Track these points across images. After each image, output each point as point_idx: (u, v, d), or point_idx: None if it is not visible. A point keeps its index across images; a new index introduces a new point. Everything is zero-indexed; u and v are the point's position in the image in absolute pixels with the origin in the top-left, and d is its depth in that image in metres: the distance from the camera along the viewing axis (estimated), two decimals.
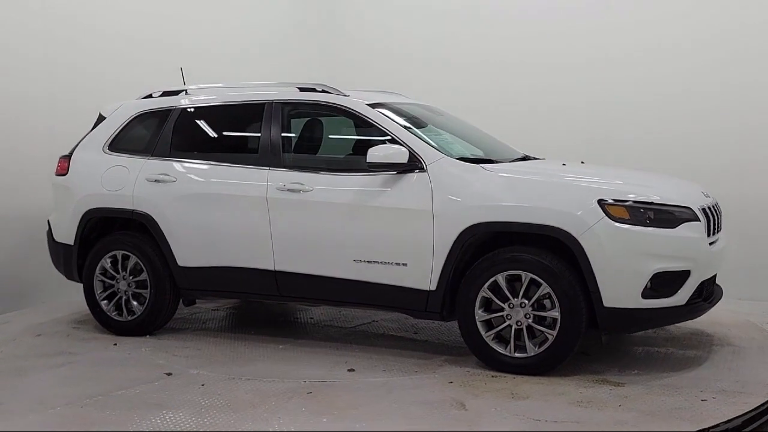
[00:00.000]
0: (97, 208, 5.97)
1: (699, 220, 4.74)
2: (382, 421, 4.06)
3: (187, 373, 4.94)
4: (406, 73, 8.99)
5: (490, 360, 4.88)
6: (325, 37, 9.82)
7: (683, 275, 4.65)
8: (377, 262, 5.11)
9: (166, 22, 8.27)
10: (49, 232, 6.32)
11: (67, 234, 6.11)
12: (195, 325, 6.30)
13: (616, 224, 4.56)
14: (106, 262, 5.94)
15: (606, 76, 8.04)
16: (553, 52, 8.33)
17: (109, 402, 4.40)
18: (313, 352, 5.43)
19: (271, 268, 5.42)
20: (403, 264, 5.04)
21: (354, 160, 5.43)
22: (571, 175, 5.04)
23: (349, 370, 4.98)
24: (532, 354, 4.75)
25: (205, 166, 5.70)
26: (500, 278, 4.79)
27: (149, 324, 5.87)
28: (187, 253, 5.68)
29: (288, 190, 5.33)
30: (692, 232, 4.69)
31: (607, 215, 4.57)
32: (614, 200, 4.62)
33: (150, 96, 6.22)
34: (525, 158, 5.79)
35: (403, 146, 5.05)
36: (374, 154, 4.99)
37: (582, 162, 5.85)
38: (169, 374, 4.93)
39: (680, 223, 4.66)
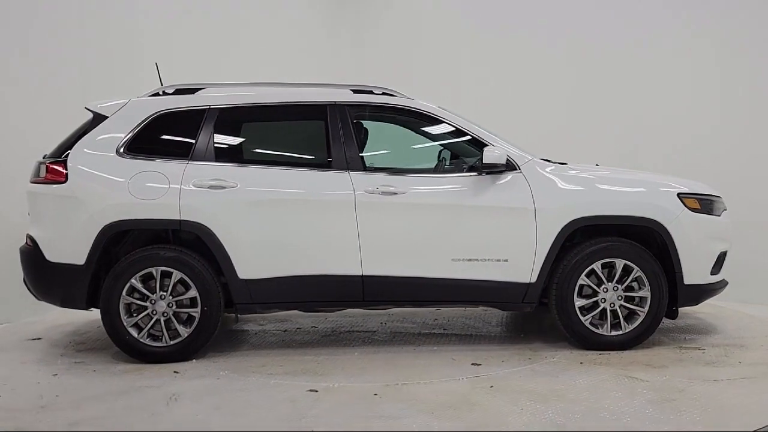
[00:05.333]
0: (126, 220, 5.18)
1: (726, 209, 5.82)
2: (615, 399, 4.37)
3: (332, 388, 4.66)
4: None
5: (589, 341, 5.41)
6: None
7: (725, 255, 5.69)
8: (477, 259, 5.33)
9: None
10: (35, 251, 5.27)
11: (71, 252, 5.19)
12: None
13: (693, 213, 5.44)
14: (136, 281, 5.19)
15: (602, 81, 8.80)
16: (550, 56, 8.99)
17: (326, 421, 4.07)
18: (403, 353, 5.43)
19: (357, 273, 5.28)
20: (504, 260, 5.33)
21: (442, 162, 5.56)
22: (636, 175, 5.79)
23: (473, 365, 5.13)
24: (627, 330, 5.41)
25: (269, 170, 5.31)
26: (596, 266, 5.37)
27: (196, 346, 5.27)
28: (252, 265, 5.24)
29: (381, 193, 5.26)
30: (728, 218, 5.76)
31: (685, 206, 5.42)
32: (689, 193, 5.49)
33: (157, 94, 5.55)
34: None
35: (501, 148, 5.35)
36: (490, 155, 5.22)
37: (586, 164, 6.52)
38: (313, 390, 4.60)
39: (723, 211, 5.69)
